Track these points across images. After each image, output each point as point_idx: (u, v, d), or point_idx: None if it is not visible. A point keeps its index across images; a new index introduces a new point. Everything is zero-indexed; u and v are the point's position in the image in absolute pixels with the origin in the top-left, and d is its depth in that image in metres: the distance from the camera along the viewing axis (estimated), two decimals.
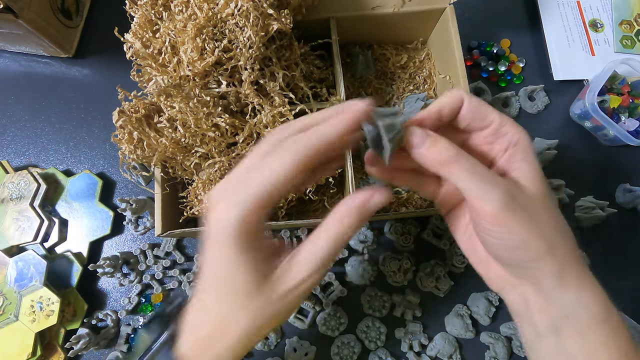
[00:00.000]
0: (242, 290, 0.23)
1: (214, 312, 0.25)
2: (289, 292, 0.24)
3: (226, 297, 0.24)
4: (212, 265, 0.24)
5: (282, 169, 0.22)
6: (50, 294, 0.45)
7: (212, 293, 0.25)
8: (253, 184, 0.22)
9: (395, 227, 0.50)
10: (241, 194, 0.22)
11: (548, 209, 0.25)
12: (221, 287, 0.24)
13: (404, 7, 0.46)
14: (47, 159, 0.55)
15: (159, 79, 0.35)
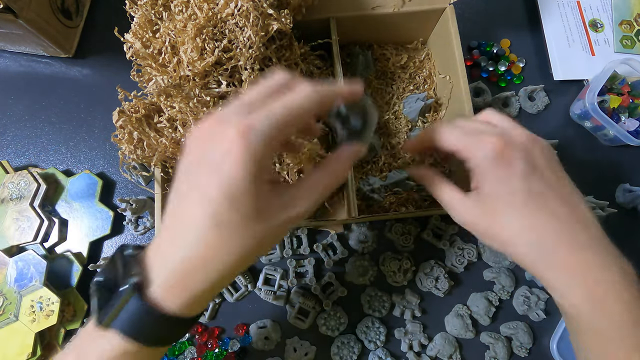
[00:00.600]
0: (242, 215, 0.23)
1: (198, 238, 0.23)
2: (281, 224, 0.24)
3: (221, 222, 0.23)
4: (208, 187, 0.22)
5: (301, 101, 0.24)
6: (50, 294, 0.45)
7: (198, 217, 0.23)
8: (276, 109, 0.23)
9: (395, 227, 0.50)
10: (266, 115, 0.23)
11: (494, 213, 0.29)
12: (217, 210, 0.22)
13: (404, 7, 0.46)
14: (47, 159, 0.55)
15: (159, 79, 0.35)
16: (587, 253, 0.27)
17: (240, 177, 0.22)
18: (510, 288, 0.49)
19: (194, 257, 0.23)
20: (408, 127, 0.51)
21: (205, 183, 0.22)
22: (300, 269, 0.49)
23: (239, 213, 0.23)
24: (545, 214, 0.27)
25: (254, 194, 0.22)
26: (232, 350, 0.47)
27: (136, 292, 0.23)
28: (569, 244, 0.27)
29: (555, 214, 0.27)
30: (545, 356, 0.47)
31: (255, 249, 0.24)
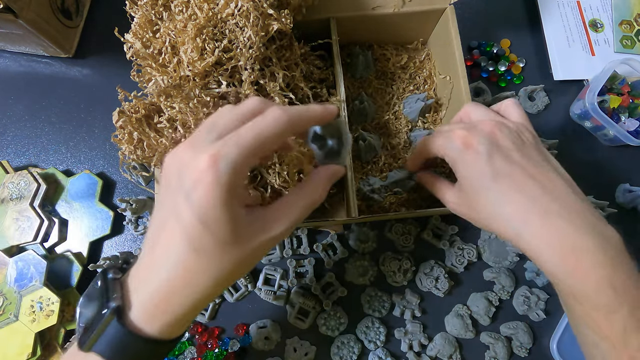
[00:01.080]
0: (218, 239, 0.23)
1: (176, 263, 0.24)
2: (259, 247, 0.25)
3: (197, 246, 0.23)
4: (183, 213, 0.23)
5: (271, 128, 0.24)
6: (50, 294, 0.45)
7: (176, 243, 0.23)
8: (246, 136, 0.23)
9: (395, 227, 0.50)
10: (236, 142, 0.23)
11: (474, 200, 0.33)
12: (194, 235, 0.23)
13: (404, 7, 0.46)
14: (47, 159, 0.55)
15: (159, 79, 0.35)
16: (559, 221, 0.28)
17: (212, 205, 0.22)
18: (510, 288, 0.49)
19: (173, 281, 0.24)
20: (408, 127, 0.51)
21: (181, 210, 0.23)
22: (300, 269, 0.49)
23: (215, 238, 0.23)
24: (513, 189, 0.30)
25: (228, 219, 0.23)
26: (232, 350, 0.47)
27: (116, 316, 0.24)
28: (540, 214, 0.28)
29: (522, 189, 0.29)
30: (545, 356, 0.48)
31: (234, 272, 0.25)
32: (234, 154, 0.22)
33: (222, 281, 0.25)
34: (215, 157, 0.22)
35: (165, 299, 0.24)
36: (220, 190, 0.22)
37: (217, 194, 0.22)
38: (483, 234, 0.51)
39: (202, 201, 0.22)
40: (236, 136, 0.23)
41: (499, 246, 0.49)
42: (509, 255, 0.49)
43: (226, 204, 0.22)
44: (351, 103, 0.50)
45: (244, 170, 0.23)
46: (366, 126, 0.51)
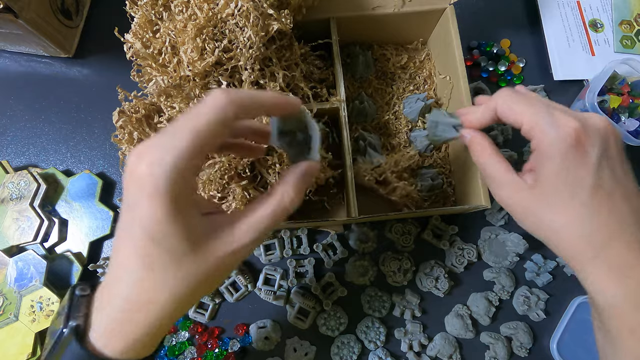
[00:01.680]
0: (172, 254, 0.21)
1: (133, 281, 0.22)
2: (224, 259, 0.23)
3: (151, 263, 0.21)
4: (134, 226, 0.21)
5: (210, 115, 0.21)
6: (50, 294, 0.45)
7: (131, 260, 0.22)
8: (181, 133, 0.21)
9: (395, 227, 0.50)
10: (170, 144, 0.20)
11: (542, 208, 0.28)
12: (146, 251, 0.21)
13: (404, 7, 0.46)
14: (47, 159, 0.55)
15: (159, 79, 0.35)
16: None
17: (156, 218, 0.20)
18: (510, 288, 0.49)
19: (130, 301, 0.22)
20: (408, 127, 0.51)
21: (130, 226, 0.22)
22: (300, 269, 0.49)
23: (167, 252, 0.21)
24: (607, 209, 0.26)
25: (178, 231, 0.21)
26: (232, 350, 0.47)
27: (75, 337, 0.22)
28: (627, 242, 0.26)
29: (617, 210, 0.26)
30: (545, 356, 0.48)
31: (195, 289, 0.23)
32: (169, 158, 0.20)
33: (182, 298, 0.23)
34: (151, 164, 0.20)
35: (125, 319, 0.22)
36: (162, 202, 0.20)
37: (159, 206, 0.20)
38: (483, 233, 0.51)
39: (146, 216, 0.21)
40: (171, 135, 0.21)
41: (499, 246, 0.49)
42: (509, 255, 0.49)
43: (172, 215, 0.21)
44: (351, 103, 0.50)
45: (187, 172, 0.21)
46: (366, 126, 0.51)
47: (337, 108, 0.43)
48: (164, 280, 0.22)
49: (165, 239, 0.21)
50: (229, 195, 0.40)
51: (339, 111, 0.44)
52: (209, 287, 0.24)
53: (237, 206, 0.39)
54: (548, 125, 0.27)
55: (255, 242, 0.24)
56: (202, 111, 0.21)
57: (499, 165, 0.30)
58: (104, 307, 0.23)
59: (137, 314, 0.22)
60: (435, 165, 0.50)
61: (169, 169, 0.20)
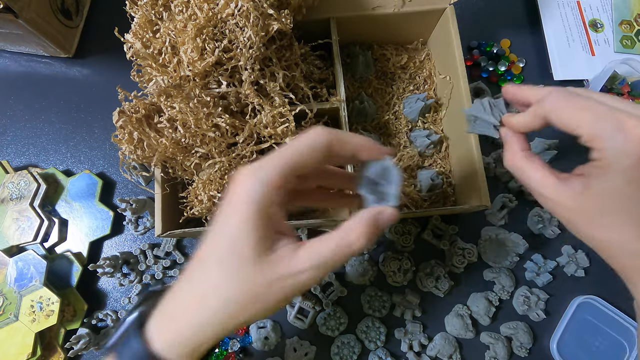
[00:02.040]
0: (238, 257, 0.23)
1: (199, 274, 0.24)
2: (281, 278, 0.23)
3: (220, 261, 0.23)
4: (219, 231, 0.24)
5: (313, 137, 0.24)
6: (50, 294, 0.45)
7: (207, 255, 0.24)
8: (276, 156, 0.24)
9: (395, 227, 0.50)
10: (265, 164, 0.24)
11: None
12: (220, 251, 0.23)
13: (404, 7, 0.46)
14: (47, 159, 0.55)
15: (159, 79, 0.35)
16: None
17: (239, 220, 0.23)
18: (510, 288, 0.49)
19: (184, 295, 0.24)
20: (408, 127, 0.51)
21: (220, 229, 0.24)
22: None
23: (235, 255, 0.23)
24: None
25: (251, 238, 0.23)
26: (232, 350, 0.47)
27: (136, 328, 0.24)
28: None
29: None
30: (545, 356, 0.48)
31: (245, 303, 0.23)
32: (269, 166, 0.23)
33: (231, 304, 0.23)
34: (251, 174, 0.23)
35: (173, 312, 0.24)
36: (248, 209, 0.23)
37: (245, 211, 0.23)
38: (483, 233, 0.51)
39: (232, 216, 0.23)
40: (275, 154, 0.24)
41: (499, 246, 0.49)
42: (509, 255, 0.49)
43: (252, 222, 0.23)
44: (351, 103, 0.50)
45: (277, 188, 0.23)
46: (366, 126, 0.51)
47: (337, 108, 0.43)
48: (227, 278, 0.23)
49: (238, 241, 0.23)
50: None
51: (339, 111, 0.44)
52: (256, 309, 0.24)
53: None
54: (612, 137, 0.23)
55: (314, 268, 0.24)
56: (303, 137, 0.24)
57: (540, 167, 0.27)
58: (169, 300, 0.25)
59: (186, 310, 0.24)
60: (435, 165, 0.50)
61: (266, 181, 0.23)
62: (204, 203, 0.40)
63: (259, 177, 0.23)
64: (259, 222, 0.23)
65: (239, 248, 0.23)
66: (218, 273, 0.23)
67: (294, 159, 0.24)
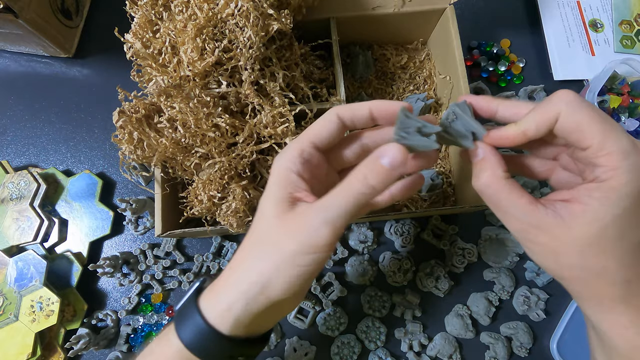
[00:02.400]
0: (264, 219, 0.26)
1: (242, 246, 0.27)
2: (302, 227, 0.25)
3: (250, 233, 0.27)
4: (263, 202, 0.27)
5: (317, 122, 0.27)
6: (50, 294, 0.45)
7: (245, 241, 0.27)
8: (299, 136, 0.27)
9: (395, 227, 0.50)
10: (289, 144, 0.27)
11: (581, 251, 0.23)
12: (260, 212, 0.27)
13: (404, 7, 0.46)
14: (47, 159, 0.55)
15: (159, 79, 0.35)
16: None
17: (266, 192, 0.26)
18: (510, 288, 0.49)
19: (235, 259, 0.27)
20: None
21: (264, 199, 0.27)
22: None
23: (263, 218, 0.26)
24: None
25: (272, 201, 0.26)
26: None
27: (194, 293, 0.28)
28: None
29: None
30: (545, 356, 0.48)
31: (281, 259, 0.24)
32: (288, 147, 0.27)
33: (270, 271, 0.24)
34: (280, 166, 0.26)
35: (225, 278, 0.27)
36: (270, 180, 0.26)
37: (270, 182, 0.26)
38: (483, 233, 0.51)
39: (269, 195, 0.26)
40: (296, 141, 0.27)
41: (499, 246, 0.49)
42: (509, 255, 0.49)
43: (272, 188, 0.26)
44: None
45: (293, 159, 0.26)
46: None
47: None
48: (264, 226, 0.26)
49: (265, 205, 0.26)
50: (229, 195, 0.40)
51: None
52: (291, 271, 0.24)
53: (237, 206, 0.39)
54: (628, 156, 0.21)
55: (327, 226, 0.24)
56: (314, 125, 0.27)
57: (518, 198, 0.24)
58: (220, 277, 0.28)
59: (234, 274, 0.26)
60: (435, 165, 0.50)
61: (284, 168, 0.26)
62: (204, 203, 0.40)
63: (280, 155, 0.27)
64: (277, 187, 0.26)
65: (265, 210, 0.26)
66: (250, 239, 0.26)
67: (308, 133, 0.27)
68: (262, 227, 0.26)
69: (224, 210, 0.41)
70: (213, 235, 0.50)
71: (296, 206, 0.25)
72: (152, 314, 0.49)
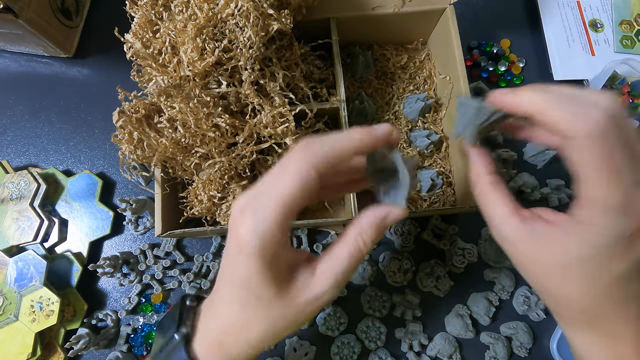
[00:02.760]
0: (261, 300, 0.25)
1: (230, 317, 0.26)
2: (307, 304, 0.25)
3: (244, 305, 0.25)
4: (234, 273, 0.25)
5: (296, 178, 0.22)
6: (50, 294, 0.45)
7: (230, 298, 0.26)
8: (273, 196, 0.23)
9: (395, 227, 0.50)
10: (264, 208, 0.23)
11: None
12: (241, 295, 0.25)
13: (404, 7, 0.46)
14: (47, 159, 0.55)
15: (159, 79, 0.35)
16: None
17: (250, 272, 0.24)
18: (511, 288, 0.49)
19: (227, 326, 0.26)
20: (408, 127, 0.51)
21: (232, 273, 0.25)
22: None
23: (258, 299, 0.25)
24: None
25: (268, 282, 0.24)
26: None
27: (183, 344, 0.27)
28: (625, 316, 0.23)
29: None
30: (545, 356, 0.48)
31: (284, 327, 0.26)
32: (261, 228, 0.22)
33: (267, 335, 0.26)
34: (248, 231, 0.23)
35: (222, 341, 0.26)
36: (256, 262, 0.23)
37: (254, 264, 0.23)
38: (483, 233, 0.51)
39: (244, 271, 0.24)
40: (263, 206, 0.23)
41: (499, 246, 0.49)
42: None
43: (263, 271, 0.23)
44: (351, 103, 0.50)
45: (277, 235, 0.23)
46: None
47: (337, 108, 0.43)
48: (253, 316, 0.25)
49: (258, 288, 0.24)
50: (229, 195, 0.40)
51: (339, 111, 0.44)
52: (290, 328, 0.26)
53: None
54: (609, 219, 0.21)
55: (335, 286, 0.25)
56: (286, 179, 0.23)
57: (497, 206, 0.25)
58: (208, 323, 0.27)
59: (231, 338, 0.26)
60: (435, 165, 0.50)
61: (262, 237, 0.23)
62: (204, 203, 0.40)
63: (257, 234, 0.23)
64: (266, 264, 0.23)
65: (259, 292, 0.24)
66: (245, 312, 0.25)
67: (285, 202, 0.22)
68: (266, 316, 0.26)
69: (224, 210, 0.41)
70: (213, 235, 0.50)
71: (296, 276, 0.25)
72: (152, 314, 0.49)
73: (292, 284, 0.25)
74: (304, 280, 0.25)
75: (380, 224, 0.25)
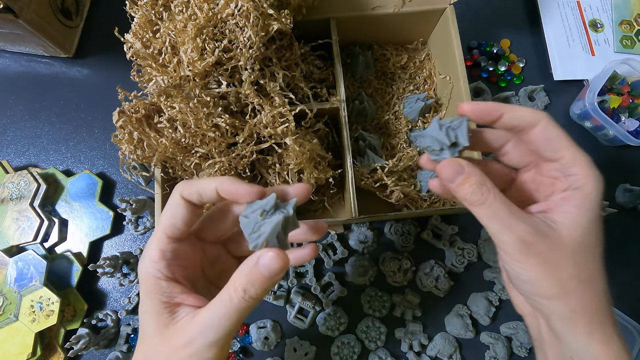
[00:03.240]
0: (146, 333, 0.26)
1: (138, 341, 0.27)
2: (178, 348, 0.24)
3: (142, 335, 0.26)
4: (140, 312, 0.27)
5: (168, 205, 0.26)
6: (50, 294, 0.45)
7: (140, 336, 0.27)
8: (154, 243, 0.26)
9: (395, 227, 0.50)
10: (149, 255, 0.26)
11: (574, 259, 0.23)
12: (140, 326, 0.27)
13: (404, 7, 0.46)
14: (47, 159, 0.55)
15: (159, 79, 0.35)
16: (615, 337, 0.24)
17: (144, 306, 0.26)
18: None
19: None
20: (408, 127, 0.51)
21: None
22: (300, 269, 0.49)
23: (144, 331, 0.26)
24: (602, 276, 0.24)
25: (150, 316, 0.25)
26: (232, 350, 0.47)
27: None
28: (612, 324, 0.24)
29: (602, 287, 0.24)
30: None
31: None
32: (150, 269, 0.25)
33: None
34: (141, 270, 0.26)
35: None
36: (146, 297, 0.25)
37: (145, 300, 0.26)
38: (483, 233, 0.51)
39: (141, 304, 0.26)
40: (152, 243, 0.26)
41: None
42: None
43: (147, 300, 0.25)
44: (351, 103, 0.50)
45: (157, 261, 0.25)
46: (366, 126, 0.51)
47: (337, 108, 0.43)
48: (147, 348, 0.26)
49: (144, 321, 0.26)
50: None
51: (339, 111, 0.44)
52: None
53: None
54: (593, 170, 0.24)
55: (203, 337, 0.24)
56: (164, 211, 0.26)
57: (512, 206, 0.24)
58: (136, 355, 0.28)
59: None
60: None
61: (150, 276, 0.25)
62: None
63: (142, 260, 0.26)
64: (149, 300, 0.25)
65: (145, 327, 0.26)
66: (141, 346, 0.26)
67: (162, 226, 0.26)
68: (146, 351, 0.25)
69: None
70: None
71: (176, 315, 0.25)
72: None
73: (174, 324, 0.25)
74: (184, 323, 0.24)
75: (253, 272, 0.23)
